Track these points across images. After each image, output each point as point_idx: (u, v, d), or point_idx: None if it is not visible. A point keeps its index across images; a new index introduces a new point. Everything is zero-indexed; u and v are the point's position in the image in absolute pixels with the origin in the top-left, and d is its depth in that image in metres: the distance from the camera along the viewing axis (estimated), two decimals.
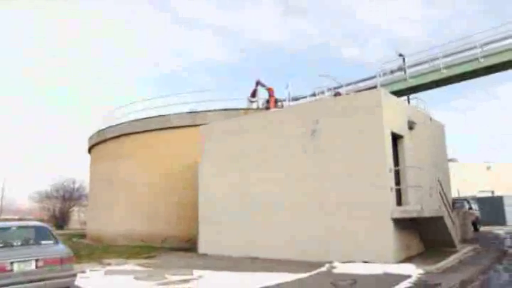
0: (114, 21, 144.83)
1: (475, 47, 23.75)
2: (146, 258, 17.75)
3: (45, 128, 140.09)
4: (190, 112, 24.95)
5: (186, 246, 21.14)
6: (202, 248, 18.86)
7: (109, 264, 15.90)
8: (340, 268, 12.97)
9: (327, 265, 13.41)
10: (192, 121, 24.12)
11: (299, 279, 11.57)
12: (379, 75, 27.05)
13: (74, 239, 31.27)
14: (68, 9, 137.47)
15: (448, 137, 22.66)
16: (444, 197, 17.38)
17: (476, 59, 23.44)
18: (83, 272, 13.23)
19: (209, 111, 24.61)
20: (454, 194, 29.58)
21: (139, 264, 15.47)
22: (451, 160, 49.15)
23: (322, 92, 25.78)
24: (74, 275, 9.84)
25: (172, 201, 23.41)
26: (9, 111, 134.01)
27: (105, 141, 29.65)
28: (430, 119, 19.68)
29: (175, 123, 24.77)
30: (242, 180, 17.96)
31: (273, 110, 22.01)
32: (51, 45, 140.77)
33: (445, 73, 24.41)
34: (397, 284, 10.38)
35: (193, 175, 20.50)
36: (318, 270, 12.85)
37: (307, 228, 15.55)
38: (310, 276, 12.08)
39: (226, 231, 18.03)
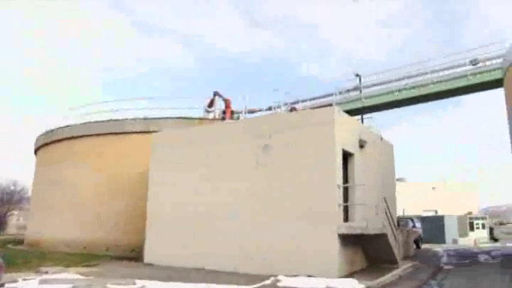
0: (68, 21, 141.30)
1: (425, 73, 24.87)
2: (87, 266, 17.15)
3: None
4: (144, 118, 24.68)
5: (132, 256, 20.70)
6: (148, 257, 18.53)
7: (46, 272, 14.91)
8: (285, 282, 13.06)
9: (272, 278, 13.47)
10: (145, 128, 23.85)
11: None
12: (335, 94, 27.77)
13: (9, 245, 29.86)
14: (24, 7, 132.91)
15: (398, 157, 23.48)
16: (389, 215, 17.89)
17: (427, 84, 24.52)
18: (14, 281, 12.21)
19: (164, 118, 24.41)
20: (399, 213, 30.55)
21: (79, 273, 14.69)
22: (399, 179, 50.91)
23: (279, 107, 26.14)
24: (1, 286, 9.15)
25: (120, 209, 22.94)
26: None
27: (52, 142, 28.73)
28: (381, 138, 20.28)
29: (128, 129, 24.40)
30: (192, 191, 17.86)
31: (227, 121, 22.08)
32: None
33: (398, 96, 25.40)
34: None
35: (143, 183, 20.19)
36: (263, 283, 12.89)
37: (254, 241, 15.63)
38: None
39: (173, 241, 17.84)
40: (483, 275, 15.71)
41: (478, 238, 40.49)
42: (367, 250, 16.41)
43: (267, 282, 13.08)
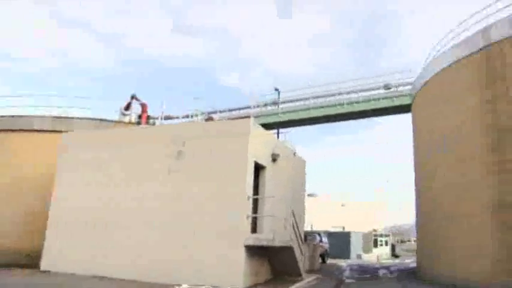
0: None
1: (341, 93, 26.03)
2: None
3: None
4: (55, 117, 23.49)
5: (29, 262, 19.36)
6: (45, 264, 17.50)
7: None
8: None
9: (175, 287, 13.33)
10: (56, 126, 22.68)
11: None
12: (254, 106, 28.23)
13: None
14: None
15: (312, 173, 24.26)
16: (297, 229, 18.38)
17: (342, 104, 25.66)
18: None
19: (77, 118, 23.43)
20: (307, 227, 31.45)
21: None
22: (310, 195, 52.54)
23: (196, 115, 26.07)
24: None
25: (20, 211, 21.49)
26: None
27: None
28: (294, 153, 20.84)
29: (36, 127, 23.07)
30: (99, 196, 17.23)
31: (143, 126, 21.65)
32: None
33: (314, 113, 26.32)
34: None
35: (48, 185, 19.15)
36: None
37: (160, 250, 15.36)
38: None
39: (75, 247, 17.05)
40: (379, 287, 16.60)
41: (381, 254, 42.70)
42: (273, 262, 16.70)
43: None
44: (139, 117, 24.88)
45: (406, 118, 23.51)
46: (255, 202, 16.04)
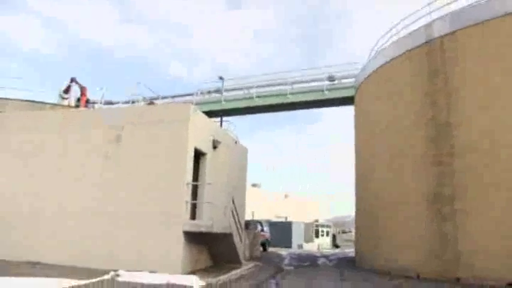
0: None
1: (285, 84, 26.14)
2: None
3: None
4: None
5: None
6: None
7: None
8: (125, 277, 12.52)
9: (112, 273, 12.88)
10: None
11: (77, 286, 10.87)
12: (197, 94, 27.88)
13: None
14: None
15: (256, 164, 24.22)
16: (236, 217, 18.32)
17: (285, 94, 25.76)
18: None
19: (9, 99, 22.20)
20: (249, 216, 31.57)
21: None
22: (254, 185, 52.83)
23: (138, 101, 25.42)
24: None
25: None
26: None
27: None
28: (236, 142, 20.74)
29: None
30: (31, 180, 16.41)
31: (80, 109, 20.86)
32: None
33: (257, 102, 26.29)
34: None
35: None
36: (101, 277, 12.27)
37: (98, 236, 14.86)
38: (91, 283, 11.48)
39: (8, 234, 16.13)
40: (317, 274, 16.99)
41: (322, 244, 43.56)
42: (212, 249, 16.57)
43: (106, 277, 12.48)
44: (78, 100, 24.00)
45: (352, 111, 23.99)
46: (195, 189, 15.82)
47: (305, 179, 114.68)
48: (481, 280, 13.78)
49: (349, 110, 24.63)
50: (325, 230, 46.61)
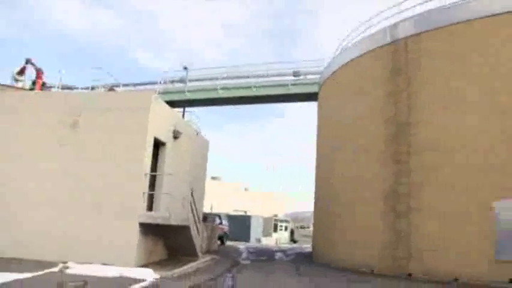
0: None
1: (251, 77, 25.99)
2: None
3: None
4: None
5: None
6: None
7: None
8: (75, 269, 12.19)
9: (61, 265, 12.49)
10: None
11: (20, 280, 10.35)
12: (160, 82, 27.32)
13: None
14: None
15: (217, 157, 23.97)
16: (195, 209, 18.06)
17: (250, 87, 25.61)
18: None
19: None
20: (208, 209, 31.33)
21: None
22: (215, 178, 52.60)
23: (98, 87, 24.65)
24: None
25: None
26: None
27: None
28: (197, 133, 20.44)
29: None
30: None
31: (35, 92, 19.95)
32: None
33: (222, 94, 26.04)
34: (128, 287, 10.25)
35: None
36: (49, 270, 11.84)
37: (50, 226, 14.18)
38: (37, 275, 11.02)
39: None
40: (274, 268, 16.96)
41: (280, 239, 43.76)
42: (169, 241, 16.29)
43: (54, 269, 12.07)
44: (34, 83, 22.96)
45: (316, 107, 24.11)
46: (153, 179, 15.47)
47: (267, 173, 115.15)
48: (431, 276, 14.25)
49: (314, 106, 24.76)
50: (283, 224, 46.85)
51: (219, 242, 27.34)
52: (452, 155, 14.84)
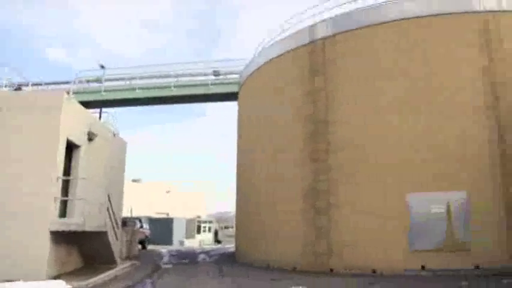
0: None
1: (170, 76, 25.45)
2: None
3: None
4: None
5: None
6: None
7: None
8: None
9: None
10: None
11: None
12: (74, 82, 26.02)
13: None
14: None
15: (137, 158, 23.17)
16: (112, 214, 17.35)
17: (170, 87, 25.07)
18: None
19: None
20: (127, 212, 30.34)
21: None
22: (135, 180, 51.12)
23: (4, 86, 22.92)
24: None
25: None
26: None
27: None
28: (114, 134, 19.65)
29: None
30: None
31: None
32: None
33: (140, 94, 25.27)
34: None
35: None
36: None
37: None
38: None
39: None
40: (197, 271, 16.72)
41: (204, 240, 43.39)
42: (85, 249, 15.51)
43: None
44: None
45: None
46: (67, 184, 14.61)
47: (190, 174, 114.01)
48: (351, 270, 14.73)
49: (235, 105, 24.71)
50: (207, 225, 46.53)
51: (140, 247, 26.53)
52: (368, 152, 15.44)
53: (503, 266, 13.21)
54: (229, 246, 35.26)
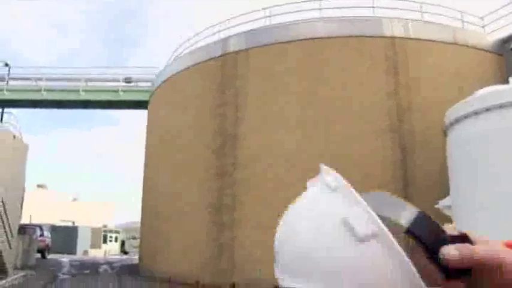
0: None
1: (80, 80, 24.48)
2: None
3: None
4: None
5: None
6: None
7: None
8: None
9: None
10: None
11: None
12: None
13: None
14: None
15: (43, 164, 21.97)
16: (6, 220, 16.26)
17: (78, 91, 24.11)
18: None
19: None
20: (26, 220, 28.64)
21: None
22: (41, 186, 48.41)
23: None
24: None
25: None
26: None
27: None
28: (14, 136, 18.53)
29: None
30: None
31: None
32: None
33: (46, 96, 24.06)
34: None
35: None
36: None
37: None
38: None
39: None
40: (95, 283, 16.19)
41: (110, 250, 41.96)
42: None
43: None
44: None
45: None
46: None
47: (99, 183, 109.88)
48: (252, 285, 14.59)
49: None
50: (113, 235, 45.07)
51: (39, 256, 25.05)
52: (272, 168, 15.58)
53: None
54: (136, 257, 34.32)
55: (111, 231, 45.11)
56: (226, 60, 17.64)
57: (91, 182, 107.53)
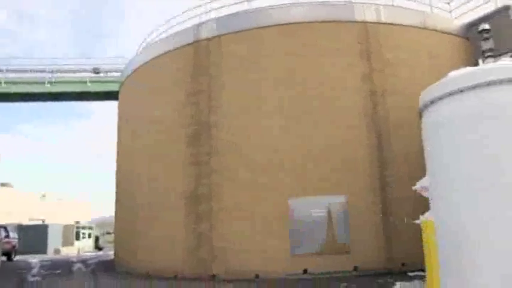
0: None
1: (45, 71, 23.63)
2: None
3: None
4: None
5: None
6: None
7: None
8: None
9: None
10: None
11: None
12: None
13: None
14: None
15: (7, 161, 21.12)
16: None
17: (44, 82, 23.26)
18: None
19: None
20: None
21: None
22: (5, 184, 46.89)
23: None
24: None
25: None
26: None
27: None
28: None
29: None
30: None
31: None
32: None
33: (8, 88, 23.11)
34: None
35: None
36: None
37: None
38: None
39: None
40: (69, 284, 15.53)
41: (83, 247, 41.11)
42: None
43: None
44: None
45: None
46: None
47: (70, 178, 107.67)
48: (234, 275, 14.31)
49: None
50: (87, 232, 44.14)
51: (4, 259, 24.14)
52: (250, 156, 15.22)
53: (379, 267, 13.85)
54: (111, 253, 33.71)
55: (84, 227, 44.10)
56: (198, 47, 17.06)
57: (64, 176, 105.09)
